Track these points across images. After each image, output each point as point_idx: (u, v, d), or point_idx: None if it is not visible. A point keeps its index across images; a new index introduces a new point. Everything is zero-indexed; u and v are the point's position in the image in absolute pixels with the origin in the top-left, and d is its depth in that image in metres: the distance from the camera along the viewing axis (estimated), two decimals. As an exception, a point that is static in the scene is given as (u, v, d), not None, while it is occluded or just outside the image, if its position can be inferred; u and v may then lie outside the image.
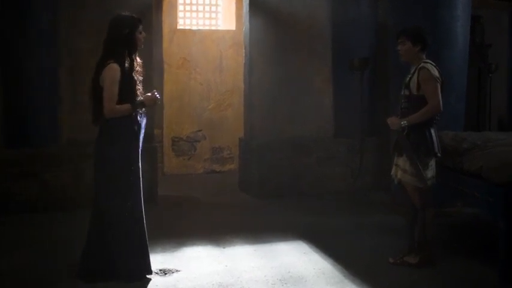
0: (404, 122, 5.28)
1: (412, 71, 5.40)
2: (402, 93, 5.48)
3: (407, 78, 5.41)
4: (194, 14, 11.21)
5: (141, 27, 4.88)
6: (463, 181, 5.66)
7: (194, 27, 11.06)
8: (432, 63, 5.36)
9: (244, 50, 9.11)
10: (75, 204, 7.51)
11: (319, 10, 8.82)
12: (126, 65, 4.75)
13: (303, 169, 8.59)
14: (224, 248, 6.03)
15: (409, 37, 5.38)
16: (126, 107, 4.72)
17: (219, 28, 11.23)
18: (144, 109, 4.88)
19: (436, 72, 5.29)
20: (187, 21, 11.14)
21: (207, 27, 11.19)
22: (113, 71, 4.66)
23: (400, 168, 5.40)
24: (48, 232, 6.63)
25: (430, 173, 5.37)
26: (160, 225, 6.75)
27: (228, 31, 11.03)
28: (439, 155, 5.39)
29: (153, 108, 7.99)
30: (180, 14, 11.02)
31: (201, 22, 11.25)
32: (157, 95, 4.93)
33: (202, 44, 10.77)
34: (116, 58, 4.71)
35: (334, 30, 8.84)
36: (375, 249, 5.90)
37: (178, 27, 10.78)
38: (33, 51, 7.49)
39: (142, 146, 4.96)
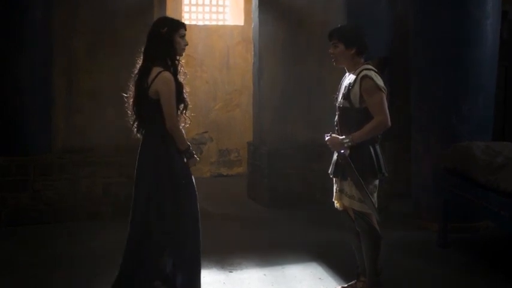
0: (346, 141, 4.49)
1: (351, 80, 4.58)
2: (340, 105, 4.68)
3: (346, 88, 4.62)
4: (200, 8, 10.69)
5: (183, 32, 4.48)
6: (498, 201, 5.09)
7: (200, 23, 10.55)
8: (374, 69, 4.57)
9: (253, 47, 8.58)
10: (71, 216, 7.08)
11: (334, 4, 8.19)
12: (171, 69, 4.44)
13: (316, 176, 7.97)
14: (231, 272, 5.49)
15: (341, 38, 4.60)
16: (185, 141, 4.48)
17: (227, 23, 10.70)
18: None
19: (380, 81, 4.51)
20: (193, 16, 10.62)
21: (213, 23, 10.68)
22: (169, 82, 4.34)
23: (346, 195, 4.62)
24: (43, 247, 6.18)
25: (376, 194, 4.65)
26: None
27: (236, 26, 10.48)
28: (386, 174, 4.63)
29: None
30: (185, 9, 10.51)
31: (207, 17, 10.73)
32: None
33: (208, 40, 10.22)
34: (162, 64, 4.38)
35: (351, 27, 8.23)
36: (401, 274, 5.37)
37: (183, 23, 10.19)
38: (24, 51, 6.95)
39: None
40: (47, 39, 7.14)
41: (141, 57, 4.46)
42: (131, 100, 4.49)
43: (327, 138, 4.64)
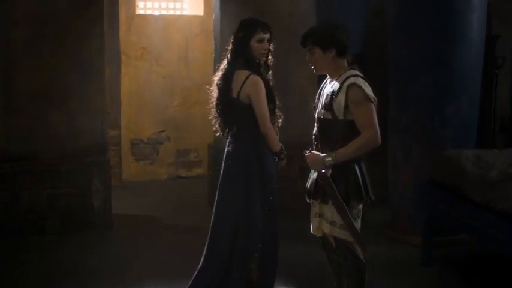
0: (329, 160, 3.90)
1: (334, 88, 3.97)
2: (320, 116, 4.08)
3: (328, 97, 3.99)
4: (156, -4, 10.14)
5: (260, 36, 4.42)
6: (494, 224, 4.60)
7: (156, 12, 10.00)
8: (361, 75, 3.99)
9: (214, 40, 8.09)
10: (12, 232, 6.45)
11: (303, -6, 7.71)
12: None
13: (283, 181, 7.37)
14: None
15: (316, 42, 4.04)
16: (277, 142, 4.52)
17: (185, 13, 10.15)
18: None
19: (369, 90, 3.91)
20: (148, 5, 10.04)
21: (171, 12, 10.13)
22: (258, 85, 4.35)
23: (327, 220, 4.03)
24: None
25: (359, 220, 4.07)
26: (111, 264, 5.70)
27: (195, 16, 9.95)
28: (373, 198, 4.02)
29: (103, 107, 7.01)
30: (140, -4, 9.95)
31: (163, 6, 10.16)
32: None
33: (165, 32, 9.68)
34: (243, 66, 4.39)
35: (320, 19, 7.55)
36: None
37: (137, 12, 9.69)
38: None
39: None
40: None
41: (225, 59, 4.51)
42: (215, 103, 4.52)
43: (306, 155, 4.08)
